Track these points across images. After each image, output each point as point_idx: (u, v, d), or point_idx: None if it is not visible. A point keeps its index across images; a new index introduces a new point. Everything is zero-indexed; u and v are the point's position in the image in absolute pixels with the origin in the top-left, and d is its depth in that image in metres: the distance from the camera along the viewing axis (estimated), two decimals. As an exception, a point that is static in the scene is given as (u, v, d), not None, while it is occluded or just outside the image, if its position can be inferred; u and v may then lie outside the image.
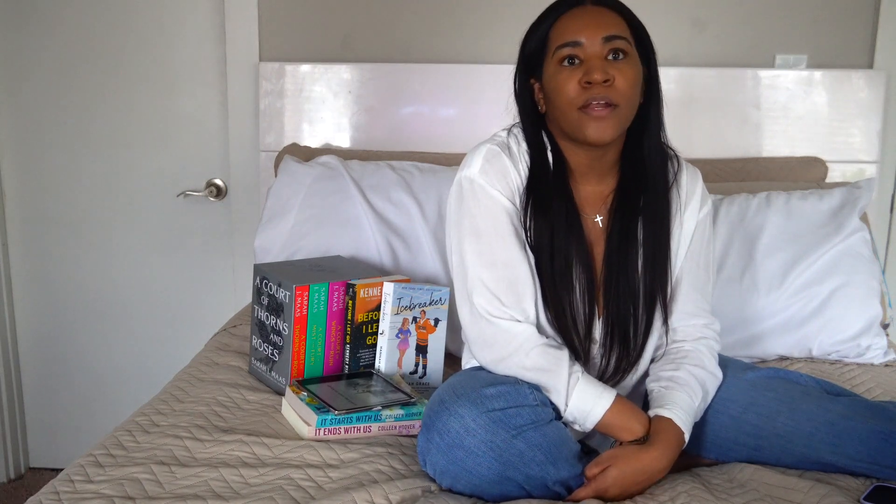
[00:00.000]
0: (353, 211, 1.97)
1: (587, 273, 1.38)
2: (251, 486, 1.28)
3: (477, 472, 1.24)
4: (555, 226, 1.36)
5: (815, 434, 1.34)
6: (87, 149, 2.49)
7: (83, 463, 1.33)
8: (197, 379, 1.69)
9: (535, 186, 1.37)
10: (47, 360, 2.65)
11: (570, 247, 1.37)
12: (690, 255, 1.47)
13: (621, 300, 1.40)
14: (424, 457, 1.29)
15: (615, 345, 1.42)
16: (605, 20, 1.32)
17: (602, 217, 1.42)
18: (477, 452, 1.23)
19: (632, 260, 1.40)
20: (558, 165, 1.39)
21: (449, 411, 1.25)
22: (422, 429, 1.30)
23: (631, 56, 1.32)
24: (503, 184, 1.37)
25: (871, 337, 1.83)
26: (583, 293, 1.39)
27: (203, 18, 2.40)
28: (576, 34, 1.31)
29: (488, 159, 1.37)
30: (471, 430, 1.23)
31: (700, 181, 1.49)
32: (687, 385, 1.38)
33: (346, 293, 1.67)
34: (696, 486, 1.31)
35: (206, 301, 2.55)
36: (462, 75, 2.30)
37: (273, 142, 2.35)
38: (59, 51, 2.43)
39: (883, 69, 2.22)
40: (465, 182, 1.38)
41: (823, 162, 2.21)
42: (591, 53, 1.31)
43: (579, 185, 1.41)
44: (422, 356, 1.68)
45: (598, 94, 1.29)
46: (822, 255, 1.85)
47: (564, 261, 1.37)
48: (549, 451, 1.26)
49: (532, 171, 1.38)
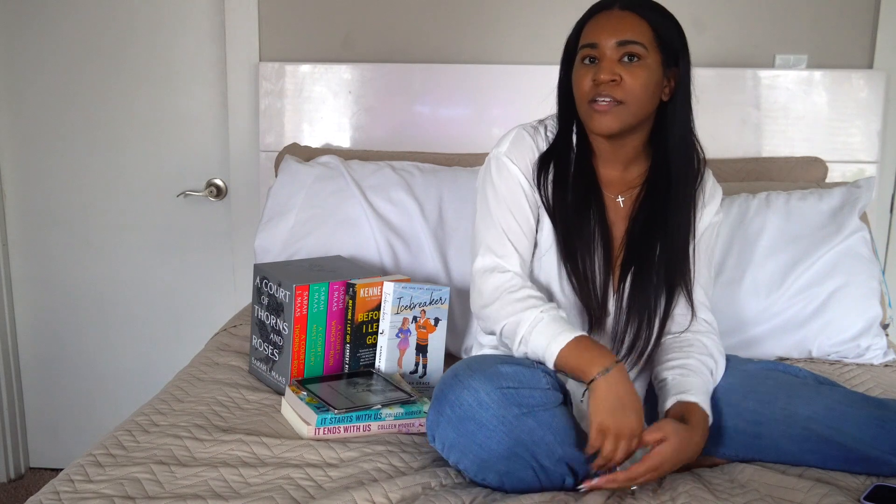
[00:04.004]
0: (354, 211, 1.97)
1: (605, 246, 1.47)
2: (251, 486, 1.28)
3: (487, 446, 1.25)
4: (574, 196, 1.46)
5: (814, 417, 1.37)
6: (88, 149, 2.49)
7: (83, 463, 1.33)
8: (197, 379, 1.69)
9: (555, 157, 1.48)
10: (47, 360, 2.65)
11: (590, 217, 1.46)
12: (698, 250, 1.53)
13: (642, 285, 1.46)
14: (433, 431, 1.30)
15: (631, 323, 1.47)
16: (625, 25, 1.40)
17: (625, 199, 1.51)
18: (488, 426, 1.24)
19: (652, 246, 1.47)
20: (583, 147, 1.50)
21: (463, 384, 1.27)
22: (432, 402, 1.31)
23: (644, 60, 1.40)
24: (524, 162, 1.48)
25: (871, 337, 1.83)
26: (600, 264, 1.46)
27: (203, 18, 2.40)
28: (595, 37, 1.42)
29: (514, 142, 1.50)
30: (484, 404, 1.25)
31: (720, 190, 1.59)
32: (699, 372, 1.42)
33: (346, 293, 1.67)
34: (696, 486, 1.32)
35: (206, 301, 2.55)
36: (462, 75, 2.30)
37: (273, 142, 2.35)
38: (60, 51, 2.44)
39: (883, 69, 2.22)
40: (493, 158, 1.51)
41: (823, 162, 2.21)
42: (604, 55, 1.41)
43: (602, 168, 1.51)
44: (422, 356, 1.68)
45: (604, 91, 1.39)
46: (822, 255, 1.85)
47: (583, 228, 1.46)
48: (558, 431, 1.28)
49: (555, 142, 1.50)
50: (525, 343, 1.36)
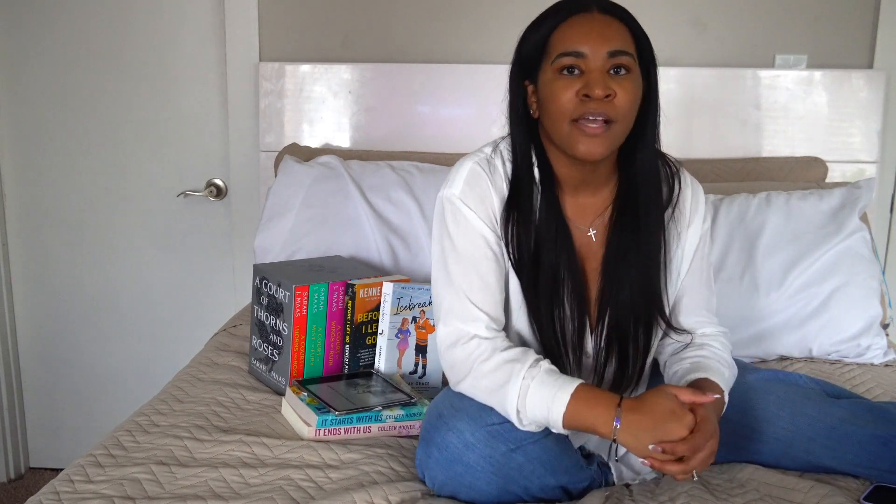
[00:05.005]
0: (353, 211, 1.97)
1: (578, 288, 1.33)
2: (251, 487, 1.28)
3: (477, 488, 1.23)
4: (540, 239, 1.31)
5: (816, 439, 1.34)
6: (88, 149, 2.49)
7: (83, 463, 1.33)
8: (197, 379, 1.69)
9: (518, 199, 1.31)
10: (47, 360, 2.65)
11: (559, 260, 1.31)
12: (692, 271, 1.41)
13: (620, 316, 1.34)
14: (423, 470, 1.29)
15: (611, 359, 1.37)
16: (612, 32, 1.24)
17: (596, 231, 1.37)
18: (476, 467, 1.22)
19: (632, 277, 1.34)
20: (546, 177, 1.33)
21: (448, 426, 1.24)
22: (420, 442, 1.29)
23: (633, 72, 1.25)
24: (482, 208, 1.31)
25: (871, 337, 1.83)
26: (572, 308, 1.34)
27: (203, 18, 2.40)
28: (579, 44, 1.23)
29: (469, 181, 1.32)
30: (470, 445, 1.22)
31: (702, 195, 1.43)
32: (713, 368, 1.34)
33: (345, 293, 1.67)
34: (695, 486, 1.31)
35: (206, 301, 2.54)
36: (462, 75, 2.30)
37: (273, 142, 2.35)
38: (60, 51, 2.43)
39: (883, 69, 2.22)
40: (446, 202, 1.33)
41: (823, 162, 2.21)
42: (593, 66, 1.23)
43: (570, 197, 1.36)
44: (421, 356, 1.68)
45: (596, 109, 1.22)
46: (822, 255, 1.85)
47: (552, 275, 1.31)
48: (548, 463, 1.25)
49: (515, 183, 1.32)
50: (523, 415, 1.22)
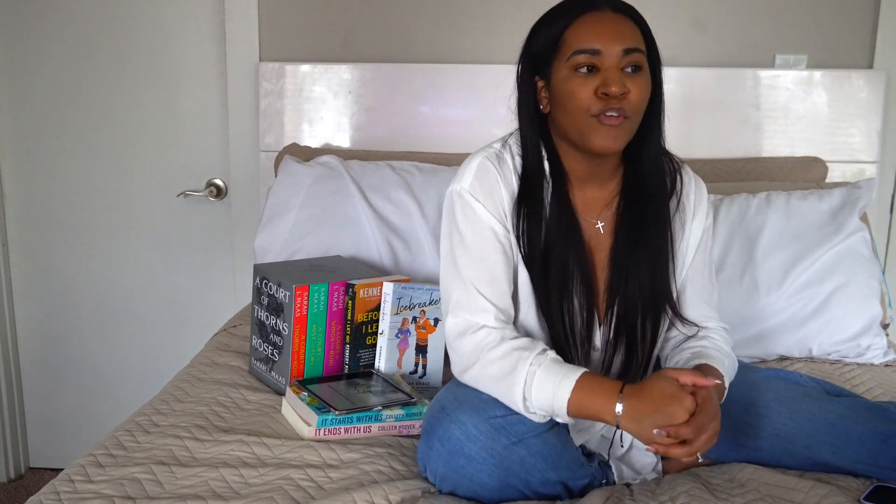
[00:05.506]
0: (353, 211, 1.97)
1: (586, 281, 1.35)
2: (251, 486, 1.28)
3: (478, 480, 1.23)
4: (551, 233, 1.33)
5: (816, 435, 1.34)
6: (87, 149, 2.49)
7: (83, 463, 1.33)
8: (197, 379, 1.69)
9: (528, 194, 1.34)
10: (47, 360, 2.65)
11: (569, 254, 1.34)
12: (694, 264, 1.44)
13: (629, 307, 1.36)
14: (424, 463, 1.29)
15: (619, 351, 1.39)
16: (625, 30, 1.27)
17: (605, 223, 1.39)
18: (478, 459, 1.22)
19: (640, 267, 1.36)
20: (556, 171, 1.36)
21: (450, 418, 1.24)
22: (422, 435, 1.29)
23: (645, 69, 1.29)
24: (490, 202, 1.33)
25: (871, 337, 1.83)
26: (581, 301, 1.36)
27: (203, 18, 2.40)
28: (595, 42, 1.26)
29: (478, 175, 1.34)
30: (472, 437, 1.22)
31: (705, 190, 1.46)
32: (713, 357, 1.36)
33: (345, 293, 1.67)
34: (696, 486, 1.31)
35: (206, 301, 2.54)
36: (462, 75, 2.30)
37: (273, 142, 2.35)
38: (60, 51, 2.43)
39: (883, 69, 2.22)
40: (455, 196, 1.35)
41: (823, 162, 2.21)
42: (609, 64, 1.26)
43: (578, 191, 1.38)
44: (421, 356, 1.68)
45: (614, 105, 1.25)
46: (822, 255, 1.85)
47: (562, 268, 1.33)
48: (549, 457, 1.26)
49: (525, 178, 1.35)
50: (530, 402, 1.23)
